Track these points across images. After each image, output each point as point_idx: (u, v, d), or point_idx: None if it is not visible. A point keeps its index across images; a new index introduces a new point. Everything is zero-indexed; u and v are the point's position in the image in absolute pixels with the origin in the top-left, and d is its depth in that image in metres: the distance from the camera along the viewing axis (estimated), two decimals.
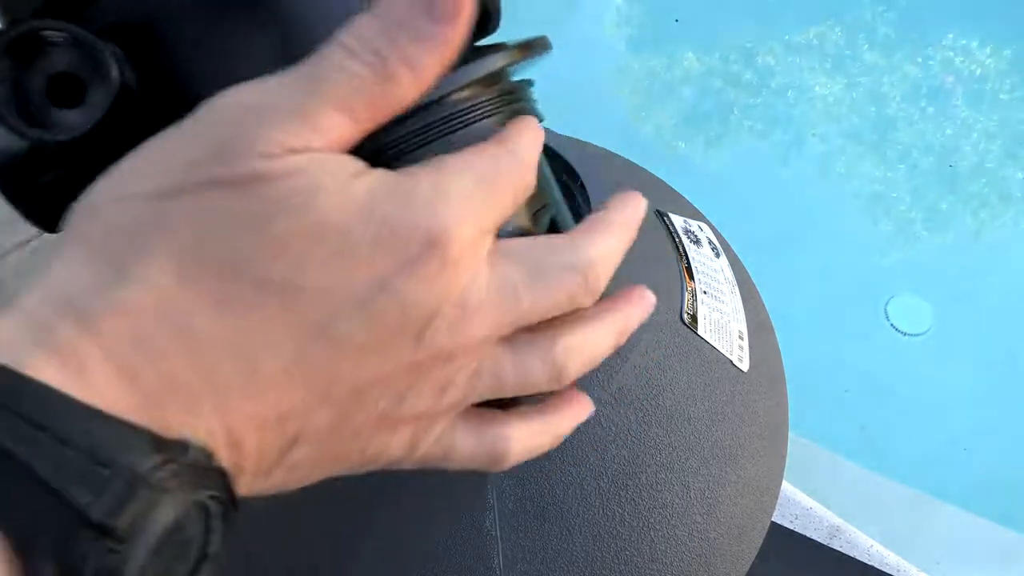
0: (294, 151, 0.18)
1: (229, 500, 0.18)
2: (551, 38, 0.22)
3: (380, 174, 0.19)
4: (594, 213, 0.23)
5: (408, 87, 0.19)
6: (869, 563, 1.04)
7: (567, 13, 2.26)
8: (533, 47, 0.22)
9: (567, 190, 0.36)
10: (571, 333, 0.22)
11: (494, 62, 0.21)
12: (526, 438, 0.23)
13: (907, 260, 1.77)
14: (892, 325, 1.62)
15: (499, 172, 0.20)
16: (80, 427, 0.15)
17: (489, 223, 0.20)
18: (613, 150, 0.61)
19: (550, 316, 0.21)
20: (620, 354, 0.47)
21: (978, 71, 2.05)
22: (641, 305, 0.24)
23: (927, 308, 1.64)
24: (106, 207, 0.18)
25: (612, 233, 0.23)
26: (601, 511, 0.43)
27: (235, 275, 0.17)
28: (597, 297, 0.22)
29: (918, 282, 1.70)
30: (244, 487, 0.19)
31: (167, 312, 0.17)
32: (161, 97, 0.21)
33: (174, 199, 0.17)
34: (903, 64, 2.06)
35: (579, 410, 0.25)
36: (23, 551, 0.15)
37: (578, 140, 0.55)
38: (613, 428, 0.43)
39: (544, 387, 0.22)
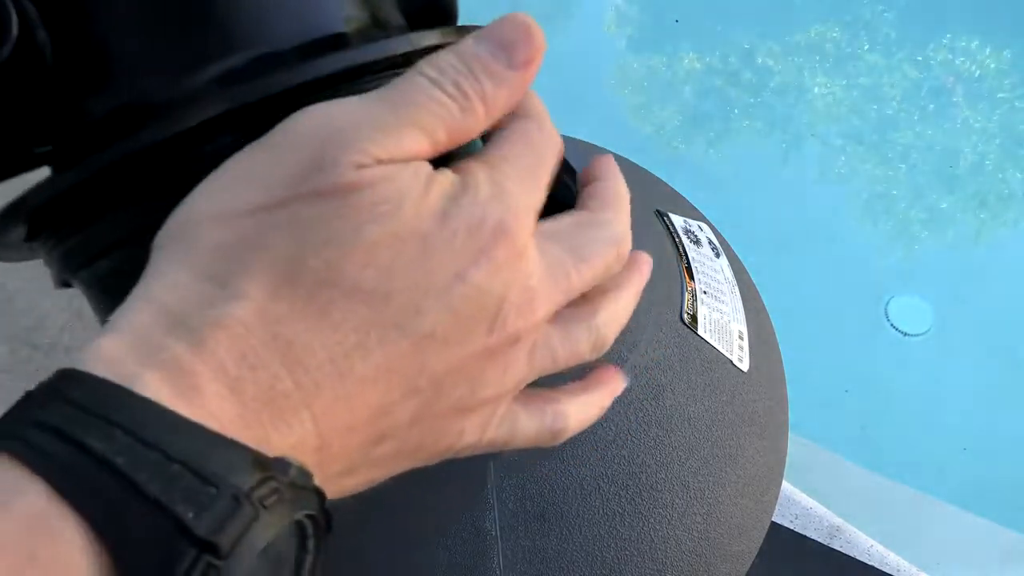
0: (381, 162, 0.19)
1: (324, 520, 0.18)
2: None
3: (447, 176, 0.20)
4: (594, 184, 0.25)
5: (481, 120, 0.20)
6: (869, 563, 1.04)
7: (567, 13, 2.26)
8: (465, 33, 0.23)
9: (567, 190, 0.36)
10: (607, 303, 0.24)
11: (423, 38, 0.22)
12: (578, 412, 0.24)
13: (907, 260, 1.77)
14: (892, 325, 1.62)
15: (539, 150, 0.22)
16: (186, 444, 0.16)
17: (537, 202, 0.21)
18: (613, 150, 0.61)
19: (590, 289, 0.23)
20: (620, 354, 0.47)
21: (978, 71, 2.05)
22: (645, 270, 0.26)
23: (927, 308, 1.64)
24: (204, 225, 0.19)
25: (624, 201, 0.24)
26: (601, 511, 0.43)
27: (329, 284, 0.18)
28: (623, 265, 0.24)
29: (918, 282, 1.70)
30: (329, 490, 0.19)
31: (267, 324, 0.18)
32: (75, 66, 0.20)
33: (273, 213, 0.18)
34: (903, 64, 2.06)
35: (616, 383, 0.26)
36: (120, 560, 0.15)
37: (578, 140, 0.55)
38: (613, 428, 0.43)
39: (588, 357, 0.23)
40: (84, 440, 0.15)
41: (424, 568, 0.42)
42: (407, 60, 0.21)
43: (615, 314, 0.24)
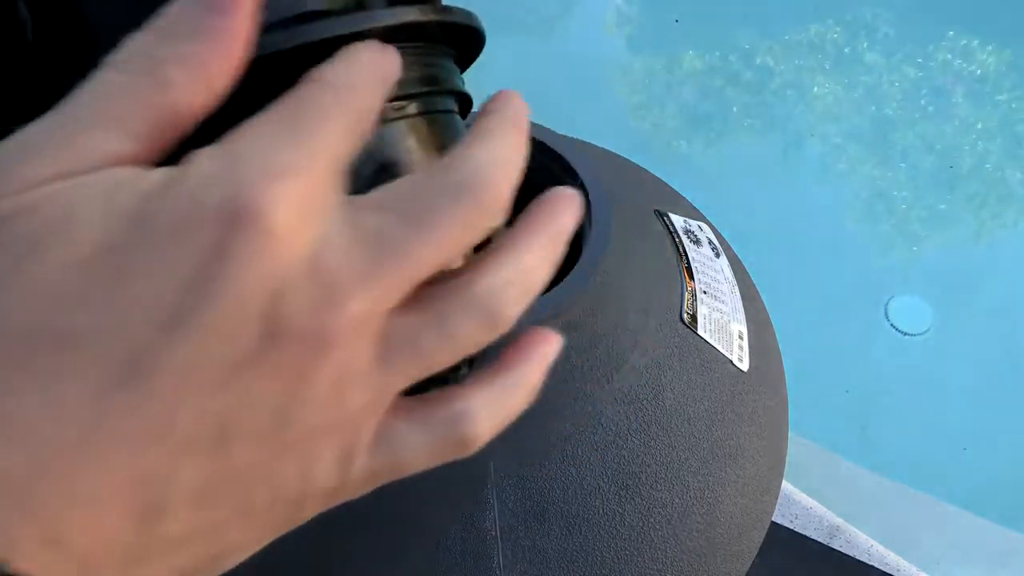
0: (49, 181, 0.15)
1: None
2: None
3: (154, 172, 0.16)
4: (475, 125, 0.19)
5: (189, 89, 0.16)
6: (869, 563, 1.04)
7: (567, 12, 2.26)
8: (447, 12, 0.21)
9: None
10: (494, 266, 0.18)
11: (399, 14, 0.20)
12: (492, 405, 0.19)
13: (907, 260, 1.78)
14: (892, 325, 1.62)
15: (304, 108, 0.17)
16: None
17: (319, 166, 0.16)
18: (613, 150, 0.61)
19: (460, 256, 0.18)
20: (620, 354, 0.47)
21: (978, 71, 2.05)
22: (559, 203, 0.19)
23: (927, 308, 1.64)
24: None
25: (500, 134, 0.18)
26: (601, 511, 0.43)
27: None
28: (506, 210, 0.18)
29: (918, 282, 1.70)
30: None
31: None
32: (55, 41, 0.20)
33: None
34: (903, 64, 2.07)
35: (545, 348, 0.20)
36: None
37: (578, 140, 0.55)
38: (613, 428, 0.43)
39: (483, 339, 0.18)
40: None
41: (425, 568, 0.42)
42: (383, 35, 0.19)
43: (510, 277, 0.18)
